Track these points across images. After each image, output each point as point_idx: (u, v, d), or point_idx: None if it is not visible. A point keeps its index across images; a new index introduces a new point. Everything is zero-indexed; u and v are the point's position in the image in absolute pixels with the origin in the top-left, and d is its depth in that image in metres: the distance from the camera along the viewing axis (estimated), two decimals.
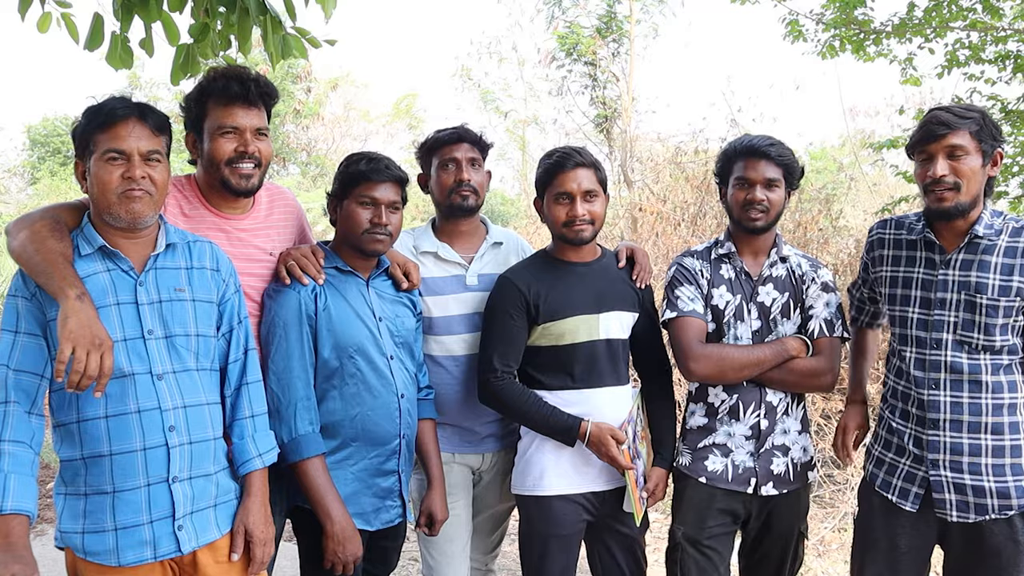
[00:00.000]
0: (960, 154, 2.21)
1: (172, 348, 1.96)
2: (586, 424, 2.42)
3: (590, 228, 2.49)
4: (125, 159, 1.89)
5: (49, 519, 4.95)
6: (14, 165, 23.51)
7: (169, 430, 1.91)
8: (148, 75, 16.28)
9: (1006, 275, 2.22)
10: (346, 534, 2.24)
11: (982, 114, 2.23)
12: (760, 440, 2.52)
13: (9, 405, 1.81)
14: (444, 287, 2.64)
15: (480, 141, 2.71)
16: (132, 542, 1.88)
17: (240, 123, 2.24)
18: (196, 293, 2.04)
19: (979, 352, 2.25)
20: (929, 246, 2.35)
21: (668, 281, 2.61)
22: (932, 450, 2.29)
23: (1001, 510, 2.22)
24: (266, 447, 2.12)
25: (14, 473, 1.77)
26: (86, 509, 1.89)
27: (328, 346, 2.31)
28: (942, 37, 6.26)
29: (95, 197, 1.92)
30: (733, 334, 2.54)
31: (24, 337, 1.86)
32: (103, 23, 2.56)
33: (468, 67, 13.53)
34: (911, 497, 2.34)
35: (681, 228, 8.22)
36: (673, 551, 2.61)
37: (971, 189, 2.22)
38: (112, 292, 1.91)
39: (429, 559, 2.67)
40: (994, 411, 2.24)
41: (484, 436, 2.69)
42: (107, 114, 1.90)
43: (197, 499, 1.96)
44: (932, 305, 2.32)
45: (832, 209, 7.86)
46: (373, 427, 2.36)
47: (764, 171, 2.48)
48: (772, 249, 2.59)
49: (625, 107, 11.53)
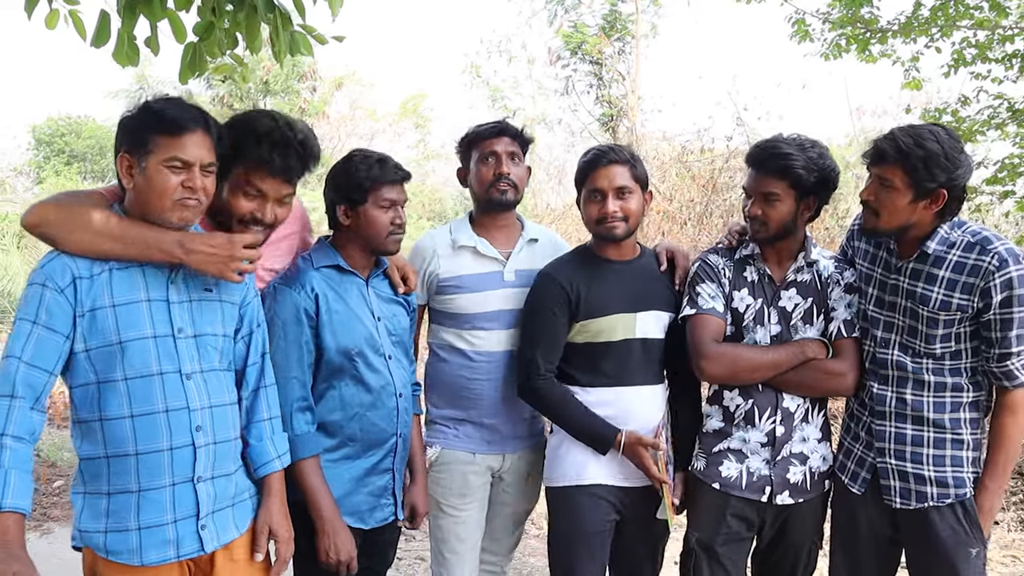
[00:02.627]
0: (887, 185, 2.24)
1: (201, 347, 1.97)
2: (620, 436, 2.42)
3: (623, 225, 2.48)
4: (186, 168, 1.89)
5: (55, 517, 4.95)
6: (19, 164, 23.62)
7: (196, 430, 1.91)
8: (155, 73, 16.29)
9: (949, 290, 2.26)
10: (337, 532, 2.25)
11: (927, 154, 2.16)
12: (776, 447, 2.48)
13: (15, 400, 1.79)
14: (482, 283, 2.64)
15: (521, 136, 2.70)
16: (155, 541, 1.88)
17: (268, 192, 2.15)
18: (223, 294, 2.05)
19: (921, 357, 2.34)
20: (889, 249, 2.41)
21: (690, 277, 2.58)
22: (879, 439, 2.40)
23: (939, 498, 2.32)
24: (283, 448, 2.15)
25: (15, 469, 1.75)
26: (109, 508, 1.88)
27: (330, 346, 2.31)
28: (948, 36, 6.25)
29: (147, 197, 1.90)
30: (752, 338, 2.50)
31: (42, 330, 1.83)
32: (110, 20, 2.56)
33: (477, 65, 13.51)
34: (859, 480, 2.46)
35: (687, 227, 8.24)
36: (687, 556, 2.58)
37: (891, 219, 2.27)
38: (144, 288, 1.92)
39: (439, 558, 2.66)
40: (936, 408, 2.33)
41: (507, 436, 2.68)
42: (176, 121, 1.89)
43: (219, 499, 1.97)
44: (884, 305, 2.41)
45: (839, 208, 7.85)
46: (371, 427, 2.38)
47: (760, 184, 2.42)
48: (800, 253, 2.52)
49: (631, 106, 11.52)
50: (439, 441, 2.68)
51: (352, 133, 18.78)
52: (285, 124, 2.16)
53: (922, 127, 2.26)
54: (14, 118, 35.92)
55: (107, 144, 22.02)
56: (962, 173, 2.20)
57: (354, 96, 19.25)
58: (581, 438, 2.50)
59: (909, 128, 2.26)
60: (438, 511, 2.66)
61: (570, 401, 2.50)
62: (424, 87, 34.66)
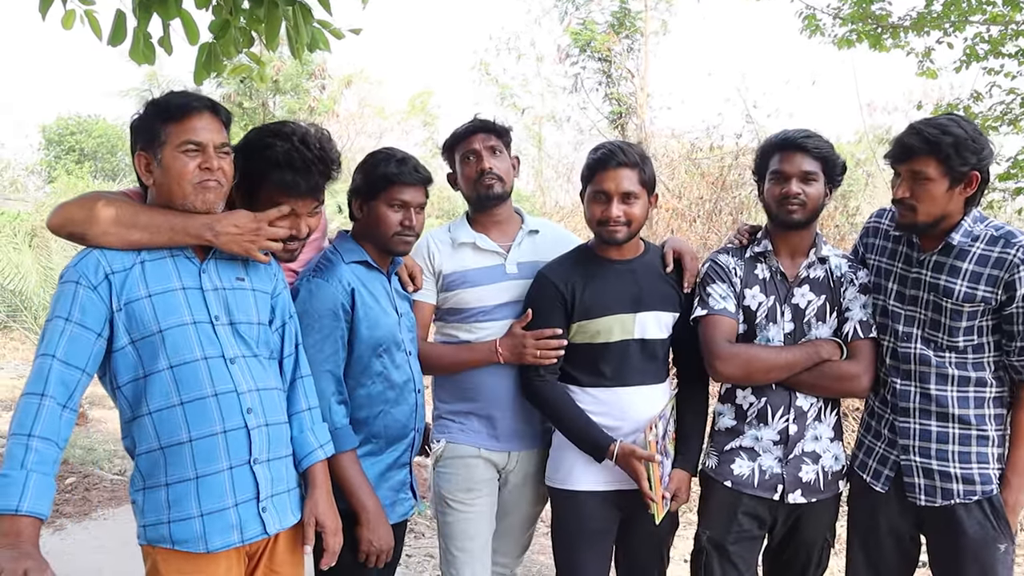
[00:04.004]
0: (921, 177, 2.24)
1: (237, 335, 1.99)
2: (614, 447, 2.41)
3: (624, 230, 2.46)
4: (200, 151, 1.92)
5: (68, 514, 4.97)
6: (31, 164, 23.74)
7: (247, 412, 1.93)
8: (167, 73, 16.33)
9: (973, 282, 2.27)
10: (380, 523, 2.27)
11: (955, 139, 2.19)
12: (788, 446, 2.47)
13: (45, 399, 1.78)
14: (484, 277, 2.65)
15: (495, 127, 2.70)
16: (219, 527, 1.90)
17: (299, 210, 2.13)
18: (255, 284, 2.08)
19: (944, 350, 2.33)
20: (910, 243, 2.42)
21: (701, 278, 2.58)
22: (903, 436, 2.39)
23: (966, 495, 2.31)
24: (325, 438, 2.16)
25: (36, 472, 1.74)
26: (169, 499, 1.90)
27: (364, 340, 2.32)
28: (961, 31, 6.22)
29: (168, 187, 1.93)
30: (764, 336, 2.50)
31: (75, 327, 1.84)
32: (125, 19, 2.58)
33: (487, 62, 13.52)
34: (882, 479, 2.44)
35: (696, 225, 8.21)
36: (698, 555, 2.58)
37: (930, 211, 2.27)
38: (177, 276, 1.94)
39: (447, 556, 2.65)
40: (960, 403, 2.32)
41: (513, 432, 2.67)
42: (181, 107, 1.92)
43: (276, 482, 1.99)
44: (905, 299, 2.40)
45: (849, 206, 7.83)
46: (394, 423, 2.41)
47: (800, 164, 2.42)
48: (811, 249, 2.52)
49: (640, 103, 11.50)
50: (444, 435, 2.68)
51: (361, 131, 18.80)
52: (300, 142, 2.11)
53: (938, 117, 2.28)
54: (25, 118, 36.12)
55: (117, 143, 22.12)
56: (988, 153, 2.23)
57: (363, 94, 19.27)
58: (577, 444, 2.50)
59: (927, 120, 2.27)
60: (445, 507, 2.66)
61: (568, 405, 2.50)
62: (433, 85, 34.74)
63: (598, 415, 2.49)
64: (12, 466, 1.74)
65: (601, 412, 2.49)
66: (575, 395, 2.53)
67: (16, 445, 1.76)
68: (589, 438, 2.46)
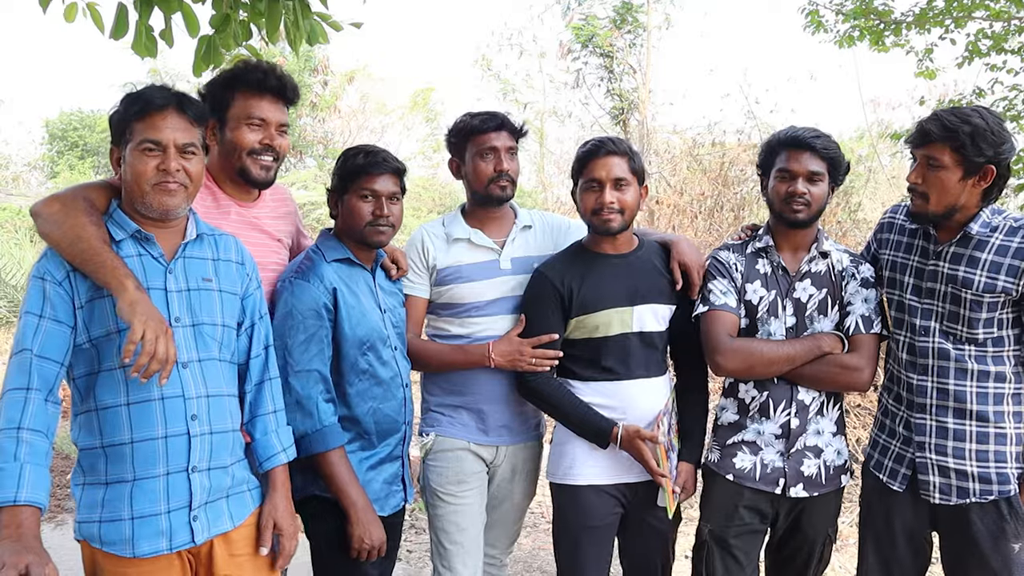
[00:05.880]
0: (935, 165, 2.22)
1: (199, 336, 1.96)
2: (617, 429, 2.42)
3: (619, 217, 2.47)
4: (161, 150, 1.88)
5: (69, 508, 5.00)
6: (33, 159, 23.73)
7: (191, 419, 1.91)
8: (168, 66, 16.31)
9: (993, 273, 2.24)
10: (370, 520, 2.28)
11: (973, 129, 2.18)
12: (790, 440, 2.47)
13: (31, 392, 1.80)
14: (478, 272, 2.65)
15: (519, 131, 2.70)
16: (148, 532, 1.87)
17: (268, 116, 2.30)
18: (223, 284, 2.04)
19: (963, 343, 2.30)
20: (926, 236, 2.39)
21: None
22: (919, 433, 2.35)
23: (982, 494, 2.28)
24: (288, 442, 2.14)
25: (30, 463, 1.75)
26: (104, 498, 1.88)
27: (348, 339, 2.34)
28: (963, 27, 6.21)
29: (128, 186, 1.92)
30: (766, 330, 2.50)
31: (48, 322, 1.84)
32: (127, 12, 2.59)
33: (489, 58, 13.50)
34: (899, 478, 2.41)
35: (698, 221, 8.21)
36: (700, 548, 2.59)
37: (942, 200, 2.25)
38: (143, 278, 1.91)
39: (439, 549, 2.65)
40: (979, 399, 2.28)
41: (502, 427, 2.68)
42: (145, 103, 1.89)
43: (213, 490, 1.96)
44: (922, 293, 2.37)
45: (851, 202, 7.81)
46: (383, 419, 2.42)
47: (808, 164, 2.42)
48: (813, 244, 2.52)
49: (642, 99, 11.48)
50: (433, 428, 2.68)
51: (363, 127, 18.79)
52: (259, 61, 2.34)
53: (963, 107, 2.27)
54: (27, 113, 36.11)
55: None
56: (1007, 148, 2.21)
57: (365, 90, 19.25)
58: (580, 432, 2.51)
59: (951, 108, 2.26)
60: (436, 500, 2.66)
61: (567, 396, 2.51)
62: (434, 80, 34.64)
63: (602, 409, 2.50)
64: (5, 459, 1.74)
65: (604, 405, 2.50)
66: (577, 390, 2.53)
67: (7, 439, 1.76)
68: (591, 425, 2.47)
